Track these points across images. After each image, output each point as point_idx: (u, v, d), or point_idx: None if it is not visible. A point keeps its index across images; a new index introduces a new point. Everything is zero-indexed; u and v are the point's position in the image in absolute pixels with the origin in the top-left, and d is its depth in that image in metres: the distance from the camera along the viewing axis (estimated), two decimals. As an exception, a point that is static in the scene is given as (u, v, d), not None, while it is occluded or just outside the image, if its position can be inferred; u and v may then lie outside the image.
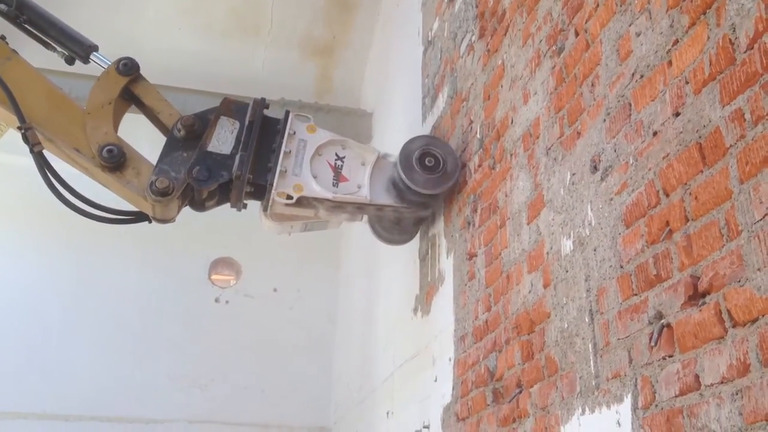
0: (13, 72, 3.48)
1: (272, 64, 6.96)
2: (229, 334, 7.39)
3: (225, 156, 3.55)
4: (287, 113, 3.78)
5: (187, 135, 3.55)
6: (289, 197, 3.56)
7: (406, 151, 3.77)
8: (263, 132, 3.66)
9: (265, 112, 3.75)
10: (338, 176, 3.70)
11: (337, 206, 3.69)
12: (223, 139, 3.59)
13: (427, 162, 3.69)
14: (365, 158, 3.79)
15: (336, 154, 3.75)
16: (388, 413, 4.92)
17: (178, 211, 3.56)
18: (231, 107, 3.71)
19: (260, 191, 3.61)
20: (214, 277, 7.86)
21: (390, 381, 4.90)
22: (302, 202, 3.60)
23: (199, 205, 3.63)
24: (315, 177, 3.65)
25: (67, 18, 3.81)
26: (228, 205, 3.69)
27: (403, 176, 3.68)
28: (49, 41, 3.69)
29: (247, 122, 3.65)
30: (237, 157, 3.54)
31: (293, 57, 7.01)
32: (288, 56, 6.99)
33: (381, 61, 6.62)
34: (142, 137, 3.75)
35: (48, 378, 6.93)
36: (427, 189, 3.70)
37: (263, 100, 3.77)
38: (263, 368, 7.33)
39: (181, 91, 6.09)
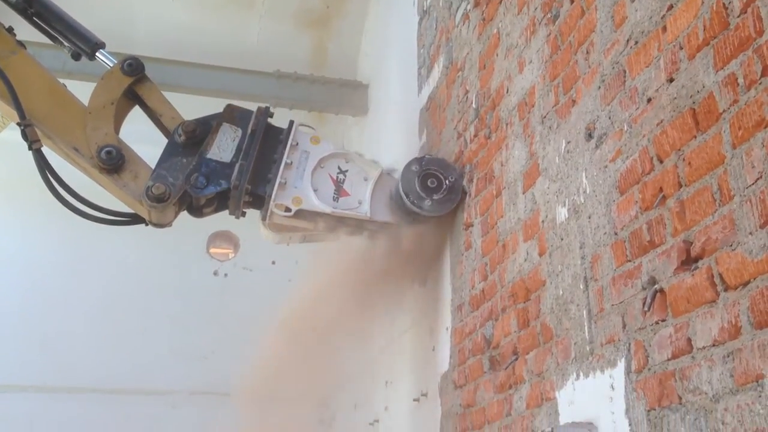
0: (17, 66, 3.44)
1: (267, 35, 6.89)
2: (229, 306, 7.42)
3: (224, 164, 3.50)
4: (291, 123, 3.70)
5: (188, 140, 3.50)
6: (288, 209, 3.51)
7: (419, 161, 3.63)
8: (265, 141, 3.60)
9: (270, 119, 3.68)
10: (339, 190, 3.62)
11: (337, 221, 3.62)
12: (224, 146, 3.54)
13: (429, 183, 3.54)
14: (368, 173, 3.69)
15: (338, 168, 3.67)
16: (386, 382, 4.97)
17: (175, 217, 3.53)
18: (234, 114, 3.64)
19: (259, 201, 3.56)
20: (212, 250, 7.89)
21: (388, 350, 4.94)
22: (301, 214, 3.54)
23: (197, 211, 3.60)
24: (315, 190, 3.57)
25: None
26: None
27: (401, 178, 3.58)
28: (56, 35, 3.64)
29: (249, 130, 3.59)
30: (236, 167, 3.48)
31: (288, 28, 6.94)
32: (283, 28, 6.92)
33: (376, 31, 6.57)
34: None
35: (48, 351, 6.98)
36: (411, 201, 3.53)
37: (267, 108, 3.71)
38: (263, 340, 7.37)
39: (176, 63, 6.07)
